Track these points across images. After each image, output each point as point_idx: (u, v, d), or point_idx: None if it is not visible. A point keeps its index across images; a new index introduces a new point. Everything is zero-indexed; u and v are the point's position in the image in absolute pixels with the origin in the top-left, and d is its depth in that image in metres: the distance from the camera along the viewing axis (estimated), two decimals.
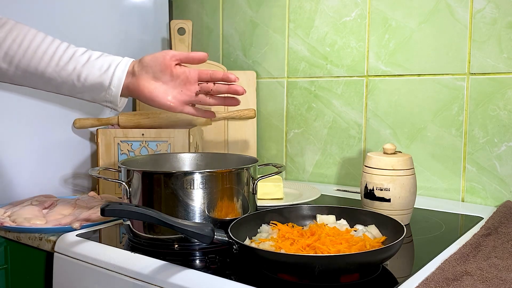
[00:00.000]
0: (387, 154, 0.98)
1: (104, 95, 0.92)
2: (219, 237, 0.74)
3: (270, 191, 1.12)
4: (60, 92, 0.94)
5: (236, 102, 0.99)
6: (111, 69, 0.92)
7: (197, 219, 0.82)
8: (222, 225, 0.82)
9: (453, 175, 1.17)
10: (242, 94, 0.96)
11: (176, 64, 0.94)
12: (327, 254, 0.70)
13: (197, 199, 0.82)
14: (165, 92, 0.93)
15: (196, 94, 0.96)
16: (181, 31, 1.43)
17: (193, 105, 0.98)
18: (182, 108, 0.95)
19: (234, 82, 0.95)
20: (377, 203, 0.96)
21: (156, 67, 0.93)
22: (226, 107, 1.43)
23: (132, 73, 0.93)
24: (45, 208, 1.07)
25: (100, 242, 0.89)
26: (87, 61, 0.91)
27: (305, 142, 1.40)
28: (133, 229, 0.86)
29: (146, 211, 0.73)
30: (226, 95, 0.98)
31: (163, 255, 0.80)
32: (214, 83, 0.96)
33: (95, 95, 0.93)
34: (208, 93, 0.96)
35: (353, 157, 1.33)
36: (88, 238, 0.91)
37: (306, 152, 1.40)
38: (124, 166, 0.87)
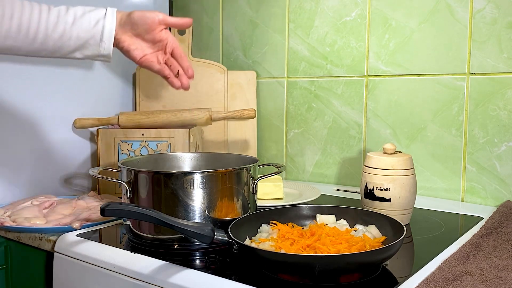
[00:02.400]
0: (387, 154, 0.98)
1: (96, 50, 0.93)
2: (219, 237, 0.74)
3: (270, 191, 1.12)
4: (53, 55, 0.95)
5: (177, 88, 1.03)
6: (100, 23, 0.92)
7: (197, 219, 0.82)
8: (222, 225, 0.82)
9: (453, 175, 1.17)
10: (183, 88, 1.01)
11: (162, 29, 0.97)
12: (327, 254, 0.70)
13: (197, 199, 0.82)
14: (141, 49, 0.97)
15: (161, 62, 1.00)
16: (181, 31, 1.43)
17: None
18: (150, 65, 0.98)
19: (190, 77, 1.01)
20: (377, 203, 0.96)
21: (143, 26, 0.95)
22: (226, 106, 1.43)
23: (118, 24, 0.94)
24: (45, 208, 1.07)
25: (100, 242, 0.89)
26: (74, 20, 0.92)
27: (305, 142, 1.40)
28: (133, 229, 0.86)
29: (146, 211, 0.73)
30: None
31: (163, 255, 0.80)
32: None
33: (87, 52, 0.94)
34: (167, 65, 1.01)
35: (353, 157, 1.33)
36: (88, 238, 0.91)
37: (306, 152, 1.40)
38: (124, 166, 0.87)
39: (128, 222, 0.86)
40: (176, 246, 0.83)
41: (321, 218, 0.87)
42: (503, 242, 0.84)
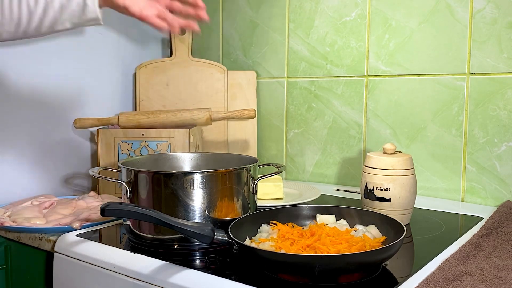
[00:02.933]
0: (387, 154, 0.98)
1: (83, 15, 0.91)
2: (219, 237, 0.74)
3: (270, 191, 1.12)
4: (42, 31, 0.93)
5: (197, 29, 1.01)
6: None
7: (197, 219, 0.82)
8: (222, 225, 0.82)
9: (453, 175, 1.17)
10: (204, 21, 0.99)
11: None
12: (327, 254, 0.70)
13: (197, 199, 0.82)
14: (136, 1, 0.94)
15: (166, 18, 0.97)
16: (181, 31, 1.43)
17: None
18: (152, 18, 0.95)
19: (203, 7, 0.99)
20: (377, 203, 0.96)
21: None
22: (226, 106, 1.43)
23: None
24: (45, 208, 1.07)
25: (100, 242, 0.89)
26: None
27: (305, 142, 1.40)
28: (133, 229, 0.86)
29: (146, 211, 0.73)
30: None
31: (163, 255, 0.80)
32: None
33: (75, 19, 0.92)
34: (173, 12, 0.98)
35: (353, 157, 1.33)
36: (88, 238, 0.91)
37: (306, 152, 1.40)
38: (124, 166, 0.87)
39: (128, 222, 0.86)
40: (176, 246, 0.83)
41: (321, 218, 0.87)
42: (503, 242, 0.84)
